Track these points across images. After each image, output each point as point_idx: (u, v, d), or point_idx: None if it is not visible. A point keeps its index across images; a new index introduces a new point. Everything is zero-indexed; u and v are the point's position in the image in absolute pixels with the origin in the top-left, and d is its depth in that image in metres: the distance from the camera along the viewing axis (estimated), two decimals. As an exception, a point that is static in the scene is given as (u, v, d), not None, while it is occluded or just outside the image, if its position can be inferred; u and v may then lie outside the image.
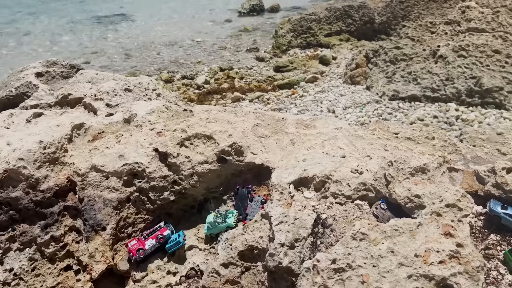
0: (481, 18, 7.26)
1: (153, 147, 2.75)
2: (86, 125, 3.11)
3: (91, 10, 17.40)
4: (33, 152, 2.63)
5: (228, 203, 2.78)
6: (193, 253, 2.63)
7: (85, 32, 14.52)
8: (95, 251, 2.56)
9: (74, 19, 16.05)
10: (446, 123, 6.00)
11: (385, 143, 2.72)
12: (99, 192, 2.65)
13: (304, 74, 9.04)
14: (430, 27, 7.82)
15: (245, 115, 3.12)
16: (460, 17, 7.59)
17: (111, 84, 3.74)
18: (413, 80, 6.97)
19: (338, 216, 2.26)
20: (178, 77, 10.23)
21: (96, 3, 18.59)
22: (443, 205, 1.98)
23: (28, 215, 2.62)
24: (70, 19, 15.98)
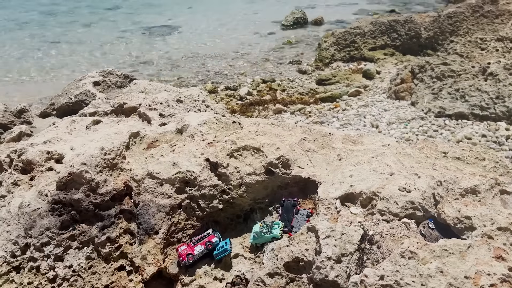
0: (535, 35, 7.01)
1: (205, 157, 2.88)
2: (142, 134, 3.30)
3: (140, 21, 18.13)
4: (95, 158, 2.83)
5: (273, 214, 2.86)
6: (239, 261, 2.71)
7: (134, 43, 15.15)
8: (148, 253, 2.71)
9: (124, 29, 16.79)
10: (496, 143, 5.81)
11: (433, 162, 2.71)
12: (153, 198, 2.80)
13: (347, 88, 9.02)
14: (480, 43, 7.62)
15: (292, 129, 3.21)
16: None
17: (164, 95, 3.94)
18: (460, 97, 6.80)
19: (384, 233, 2.28)
20: (222, 88, 10.48)
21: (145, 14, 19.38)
22: (494, 228, 1.96)
23: (87, 216, 2.81)
24: (120, 30, 16.72)
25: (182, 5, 21.20)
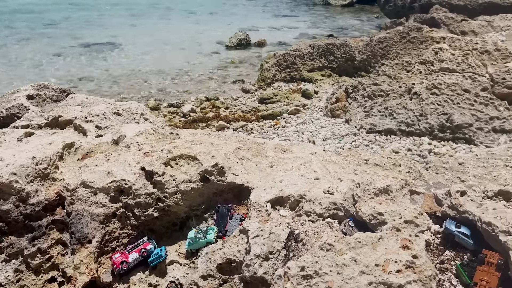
0: (452, 59, 7.77)
1: (140, 166, 2.93)
2: (77, 145, 3.28)
3: (81, 37, 17.69)
4: (25, 167, 2.78)
5: (209, 220, 2.95)
6: (174, 268, 2.77)
7: (74, 59, 14.74)
8: (80, 263, 2.68)
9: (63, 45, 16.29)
10: (420, 156, 6.31)
11: (355, 168, 2.96)
12: (86, 207, 2.80)
13: (287, 106, 9.38)
14: (406, 66, 8.30)
15: (228, 138, 3.35)
16: (433, 57, 8.09)
17: (101, 108, 3.94)
18: (389, 114, 7.33)
19: (309, 232, 2.45)
20: (165, 105, 10.46)
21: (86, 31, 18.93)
22: (402, 222, 2.20)
23: (16, 228, 2.74)
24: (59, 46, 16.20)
25: (125, 23, 20.98)
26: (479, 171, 3.23)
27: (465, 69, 7.53)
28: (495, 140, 6.62)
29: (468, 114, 6.85)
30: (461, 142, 6.66)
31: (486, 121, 6.81)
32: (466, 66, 7.55)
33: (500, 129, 6.70)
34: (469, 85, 7.20)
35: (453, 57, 7.79)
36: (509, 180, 3.10)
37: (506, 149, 3.55)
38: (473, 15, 15.23)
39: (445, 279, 2.17)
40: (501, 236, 2.09)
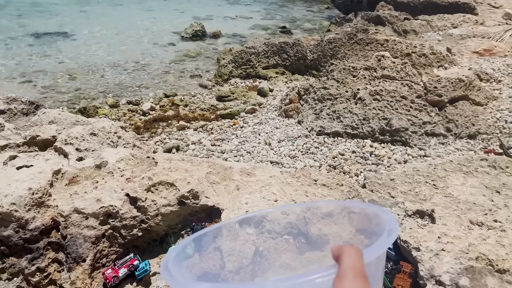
0: (392, 67, 8.62)
1: (125, 192, 3.40)
2: (63, 170, 3.67)
3: (28, 25, 17.06)
4: (23, 198, 3.17)
5: (185, 236, 3.49)
6: (157, 278, 3.30)
7: (24, 50, 14.35)
8: (76, 278, 3.15)
9: (11, 35, 15.71)
10: (362, 158, 7.14)
11: (306, 189, 3.60)
12: (79, 230, 3.24)
13: (244, 105, 9.92)
14: (352, 71, 9.07)
15: (200, 164, 3.87)
16: (376, 64, 8.91)
17: (79, 130, 4.30)
18: (337, 118, 8.10)
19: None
20: (123, 101, 10.64)
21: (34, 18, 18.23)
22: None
23: (16, 250, 3.14)
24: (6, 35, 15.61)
25: (74, 9, 20.33)
26: (405, 187, 3.97)
27: (403, 77, 8.41)
28: (427, 143, 7.57)
29: (405, 119, 7.74)
30: (398, 144, 7.56)
31: (420, 125, 7.73)
32: (404, 74, 8.43)
33: (431, 133, 7.65)
34: (406, 92, 8.09)
35: (393, 65, 8.64)
36: (428, 195, 3.86)
37: (427, 166, 4.31)
38: (415, 12, 16.38)
39: (373, 283, 2.87)
40: (413, 252, 2.80)
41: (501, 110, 7.78)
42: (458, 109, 7.59)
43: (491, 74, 9.27)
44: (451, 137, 7.43)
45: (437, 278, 2.58)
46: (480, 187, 3.80)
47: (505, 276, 2.57)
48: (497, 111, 7.76)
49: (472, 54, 10.93)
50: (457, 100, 7.77)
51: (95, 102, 10.55)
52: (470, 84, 7.91)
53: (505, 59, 10.24)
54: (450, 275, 2.57)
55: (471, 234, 2.89)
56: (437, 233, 2.84)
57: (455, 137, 7.40)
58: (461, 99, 7.76)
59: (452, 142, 7.32)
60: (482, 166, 4.19)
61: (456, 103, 7.71)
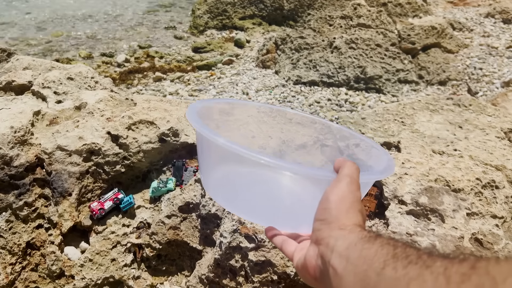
0: (368, 15, 8.68)
1: (106, 131, 3.49)
2: (43, 111, 3.71)
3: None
4: (6, 136, 3.23)
5: (167, 173, 3.65)
6: (141, 211, 3.48)
7: (-12, 0, 13.63)
8: (64, 211, 3.29)
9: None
10: (337, 105, 7.35)
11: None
12: (64, 166, 3.35)
13: (221, 56, 9.89)
14: (329, 20, 9.10)
15: (178, 104, 3.96)
16: (352, 13, 8.94)
17: (56, 74, 4.29)
18: (313, 67, 8.21)
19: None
20: (97, 54, 10.43)
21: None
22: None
23: (3, 186, 3.24)
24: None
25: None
26: (375, 124, 4.20)
27: (378, 25, 8.51)
28: (400, 90, 7.82)
29: (379, 67, 7.93)
30: (372, 92, 7.79)
31: (393, 73, 7.94)
32: (379, 23, 8.52)
33: (404, 80, 7.89)
34: (381, 40, 8.22)
35: (369, 13, 8.70)
36: (396, 131, 4.10)
37: (397, 106, 4.53)
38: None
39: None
40: (379, 176, 3.05)
41: (471, 57, 8.04)
42: (430, 56, 7.80)
43: (463, 23, 9.46)
44: (422, 84, 7.69)
45: (400, 198, 2.83)
46: (445, 123, 4.05)
47: (460, 195, 2.85)
48: (467, 58, 8.02)
49: (446, 4, 11.04)
50: (429, 48, 7.97)
51: (67, 54, 10.29)
52: (442, 32, 8.09)
53: (478, 8, 10.41)
54: (411, 195, 2.83)
55: (432, 161, 3.14)
56: (401, 159, 3.08)
57: (427, 84, 7.66)
58: (433, 47, 7.96)
59: (423, 88, 7.58)
60: (447, 105, 4.44)
61: (429, 51, 7.92)
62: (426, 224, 2.73)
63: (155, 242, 3.23)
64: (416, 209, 2.79)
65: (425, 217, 2.76)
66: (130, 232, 3.36)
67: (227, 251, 2.72)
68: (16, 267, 3.18)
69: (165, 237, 3.22)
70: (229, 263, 2.74)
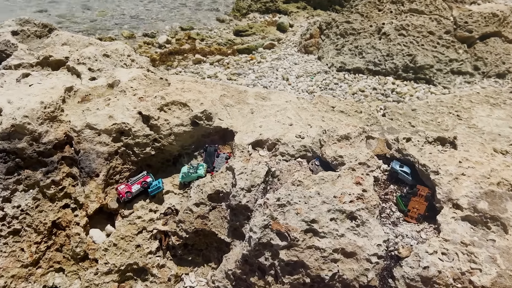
0: (421, 0, 8.08)
1: (137, 111, 3.34)
2: (75, 88, 3.61)
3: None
4: (36, 111, 3.13)
5: (198, 158, 3.46)
6: (170, 197, 3.31)
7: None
8: (90, 193, 3.18)
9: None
10: (383, 95, 6.89)
11: (323, 115, 3.48)
12: (92, 146, 3.23)
13: (262, 40, 9.59)
14: (378, 4, 8.55)
15: (213, 86, 3.75)
16: (404, -3, 8.35)
17: (92, 50, 4.18)
18: (359, 53, 7.76)
19: (283, 170, 3.01)
20: (140, 34, 10.41)
21: None
22: (357, 163, 2.78)
23: (31, 163, 3.16)
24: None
25: None
26: (427, 117, 3.81)
27: (432, 11, 7.90)
28: (452, 81, 7.24)
29: (431, 56, 7.37)
30: (422, 82, 7.25)
31: (446, 63, 7.36)
32: (433, 8, 7.91)
33: (457, 71, 7.29)
34: (434, 27, 7.63)
35: (423, -2, 8.08)
36: (450, 125, 3.70)
37: (452, 97, 4.11)
38: None
39: (387, 207, 2.81)
40: (431, 175, 2.71)
41: (536, 49, 7.29)
42: (489, 46, 7.15)
43: (528, 11, 8.62)
44: (478, 76, 7.08)
45: (455, 201, 2.49)
46: (507, 119, 3.61)
47: (527, 202, 2.47)
48: (531, 49, 7.28)
49: (509, -10, 10.13)
50: (488, 37, 7.31)
51: (110, 33, 10.34)
52: (504, 20, 7.39)
53: (545, -4, 9.47)
54: (468, 199, 2.49)
55: (494, 161, 2.76)
56: (458, 158, 2.72)
57: (483, 76, 7.04)
58: (493, 36, 7.28)
59: (479, 81, 6.98)
60: (511, 99, 3.97)
61: (487, 40, 7.26)
62: (484, 234, 2.38)
63: (181, 230, 3.05)
64: (473, 215, 2.44)
65: (484, 225, 2.41)
66: (157, 218, 3.20)
67: (257, 247, 2.50)
68: (41, 246, 3.11)
69: (193, 226, 3.04)
70: (258, 261, 2.52)
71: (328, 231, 2.46)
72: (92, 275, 3.02)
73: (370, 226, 2.49)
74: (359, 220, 2.51)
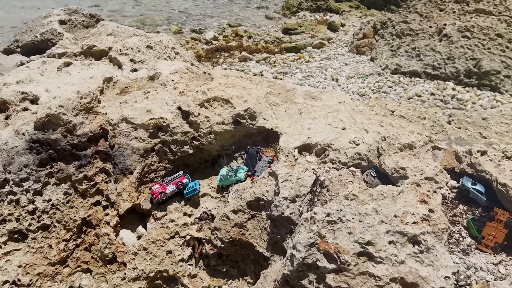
0: (490, 0, 7.41)
1: (177, 106, 3.10)
2: (115, 79, 3.43)
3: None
4: (71, 101, 2.97)
5: (238, 160, 3.17)
6: (206, 200, 3.05)
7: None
8: (123, 191, 2.98)
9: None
10: (442, 101, 6.33)
11: (381, 119, 3.08)
12: (128, 141, 3.02)
13: (312, 39, 9.21)
14: (440, 4, 7.95)
15: (259, 82, 3.45)
16: (470, -4, 7.71)
17: (135, 41, 4.01)
18: (416, 56, 7.22)
19: (334, 179, 2.66)
20: (187, 29, 10.34)
21: None
22: (423, 178, 2.38)
23: (64, 155, 3.00)
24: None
25: None
26: (501, 127, 3.33)
27: (501, 12, 7.21)
28: (521, 89, 6.55)
29: (498, 61, 6.71)
30: (486, 89, 6.60)
31: (515, 69, 6.68)
32: (503, 9, 7.22)
33: (528, 78, 6.59)
34: (503, 30, 6.96)
35: (491, -2, 7.41)
36: (529, 139, 3.19)
37: (531, 107, 3.57)
38: None
39: (456, 231, 2.39)
40: (513, 198, 2.26)
41: None
42: None
43: None
44: (553, 84, 6.36)
45: (545, 232, 2.06)
46: None
47: None
48: None
49: None
50: None
51: (159, 28, 10.34)
52: None
53: None
54: None
55: None
56: (549, 179, 2.27)
57: (559, 85, 6.32)
58: None
59: (554, 90, 6.26)
60: None
61: None
62: None
63: (217, 239, 2.77)
64: None
65: None
66: (191, 223, 2.95)
67: (300, 268, 2.17)
68: (70, 244, 2.93)
69: (229, 234, 2.75)
70: (300, 283, 2.19)
71: (386, 256, 2.09)
72: (119, 280, 2.81)
73: (437, 254, 2.10)
74: (423, 246, 2.12)
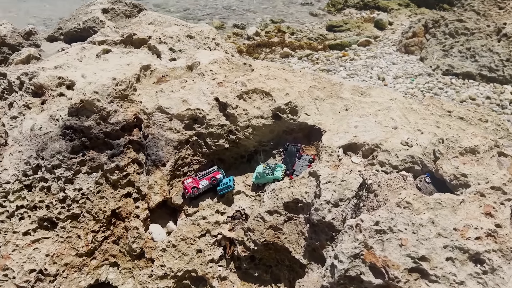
0: (557, -3, 6.79)
1: (214, 96, 2.93)
2: (152, 67, 3.31)
3: None
4: (106, 87, 2.87)
5: (276, 157, 2.96)
6: (240, 198, 2.86)
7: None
8: (154, 183, 2.84)
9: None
10: (499, 106, 5.85)
11: (437, 120, 2.78)
12: (162, 132, 2.88)
13: (357, 37, 8.85)
14: (500, 1, 7.39)
15: (303, 75, 3.22)
16: (534, -6, 7.12)
17: (175, 30, 3.89)
18: (471, 56, 6.73)
19: (382, 183, 2.39)
20: (230, 24, 10.25)
21: None
22: (488, 187, 2.07)
23: (97, 144, 2.91)
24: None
25: None
26: None
27: None
28: None
29: None
30: (549, 95, 6.05)
31: None
32: None
33: None
34: None
35: (560, -5, 6.80)
36: None
37: None
38: None
39: (524, 250, 2.07)
40: None
41: None
42: None
43: None
44: None
45: None
46: None
47: None
48: None
49: None
50: None
51: (201, 23, 10.32)
52: None
53: None
54: None
55: None
56: None
57: None
58: None
59: None
60: None
61: None
62: None
63: (250, 240, 2.58)
64: None
65: None
66: (223, 222, 2.77)
67: (341, 280, 1.94)
68: (98, 236, 2.83)
69: (263, 237, 2.55)
70: (341, 298, 1.96)
71: (442, 274, 1.82)
72: (146, 277, 2.67)
73: (504, 276, 1.80)
74: (487, 266, 1.83)
